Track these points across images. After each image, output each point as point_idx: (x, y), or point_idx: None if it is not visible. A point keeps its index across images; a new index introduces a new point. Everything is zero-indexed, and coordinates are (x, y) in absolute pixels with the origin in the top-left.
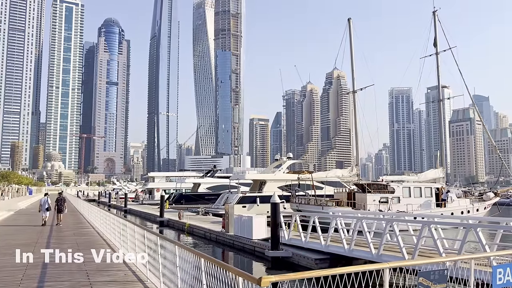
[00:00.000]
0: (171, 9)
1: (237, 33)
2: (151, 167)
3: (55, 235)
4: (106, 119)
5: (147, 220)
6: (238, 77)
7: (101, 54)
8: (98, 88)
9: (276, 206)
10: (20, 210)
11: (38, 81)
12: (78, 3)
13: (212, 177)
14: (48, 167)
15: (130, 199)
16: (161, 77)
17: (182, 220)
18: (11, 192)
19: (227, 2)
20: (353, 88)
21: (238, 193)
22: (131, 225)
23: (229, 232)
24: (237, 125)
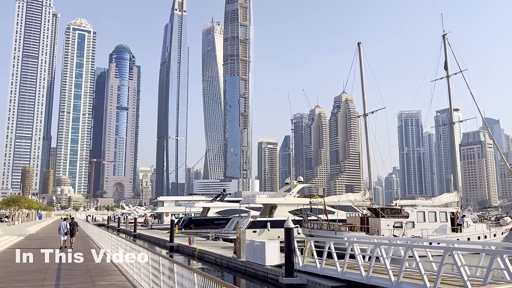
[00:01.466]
0: (181, 35)
1: (245, 58)
2: (160, 191)
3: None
4: (116, 144)
5: (156, 245)
6: (246, 101)
7: (112, 79)
8: (108, 113)
9: (290, 231)
10: (30, 235)
11: (49, 107)
12: (90, 31)
13: (221, 201)
14: (58, 192)
15: (140, 224)
16: (171, 102)
17: (192, 245)
18: (21, 216)
19: (235, 29)
20: (364, 111)
21: (248, 218)
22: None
23: (241, 257)
24: (246, 149)
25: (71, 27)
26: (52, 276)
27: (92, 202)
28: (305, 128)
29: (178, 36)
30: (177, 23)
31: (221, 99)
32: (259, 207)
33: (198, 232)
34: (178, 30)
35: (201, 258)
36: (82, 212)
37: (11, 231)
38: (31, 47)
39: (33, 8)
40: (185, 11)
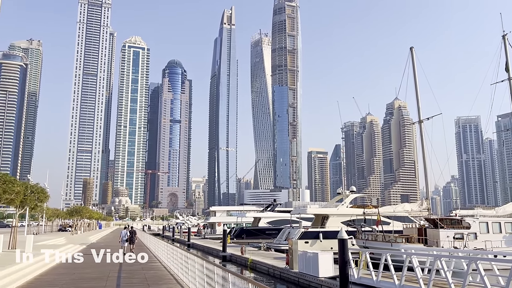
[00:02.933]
0: (230, 48)
1: (293, 68)
2: (212, 201)
3: (125, 269)
4: (169, 155)
5: (209, 255)
6: (295, 110)
7: (165, 94)
8: (162, 126)
9: (344, 242)
10: (91, 244)
11: (107, 121)
12: (144, 47)
13: (272, 211)
14: (116, 202)
15: (193, 233)
16: (221, 113)
17: (244, 255)
18: (83, 226)
19: (283, 39)
20: (419, 118)
21: (300, 228)
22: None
23: (294, 268)
24: (295, 159)
25: (126, 45)
26: (113, 284)
27: (148, 212)
28: (356, 137)
29: (227, 49)
30: (226, 36)
31: (269, 109)
32: (310, 218)
33: (249, 242)
34: (227, 44)
35: (253, 268)
36: (139, 222)
37: (74, 240)
38: (90, 65)
39: (92, 29)
40: (233, 25)
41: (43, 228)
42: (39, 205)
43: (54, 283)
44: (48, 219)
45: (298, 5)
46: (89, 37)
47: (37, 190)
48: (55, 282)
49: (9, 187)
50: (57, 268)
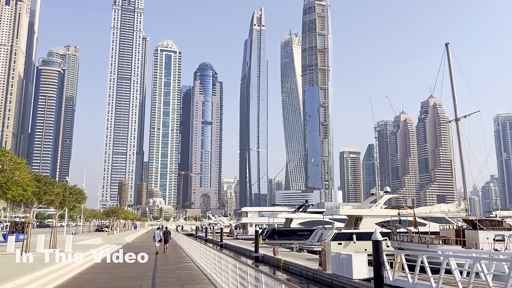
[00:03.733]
0: (260, 50)
1: (324, 67)
2: (243, 202)
3: (160, 269)
4: (201, 157)
5: (242, 255)
6: (326, 110)
7: (197, 96)
8: (194, 128)
9: (379, 244)
10: (127, 244)
11: (141, 124)
12: (176, 51)
13: (304, 212)
14: (150, 203)
15: (225, 234)
16: (252, 114)
17: (277, 256)
18: (119, 226)
19: (313, 39)
20: (456, 116)
21: (332, 229)
22: (237, 263)
23: (327, 270)
24: (327, 159)
25: (158, 49)
26: (148, 283)
27: (181, 212)
28: (390, 136)
29: (257, 51)
30: (256, 37)
31: (300, 109)
32: (343, 219)
33: (282, 243)
34: (257, 45)
35: (286, 269)
36: (172, 222)
37: (110, 240)
38: (124, 70)
39: (125, 34)
40: (263, 26)
41: (81, 228)
42: (77, 206)
43: (92, 281)
44: (86, 219)
45: (328, 4)
46: (123, 42)
47: (75, 192)
48: (93, 281)
49: (49, 189)
50: (94, 268)
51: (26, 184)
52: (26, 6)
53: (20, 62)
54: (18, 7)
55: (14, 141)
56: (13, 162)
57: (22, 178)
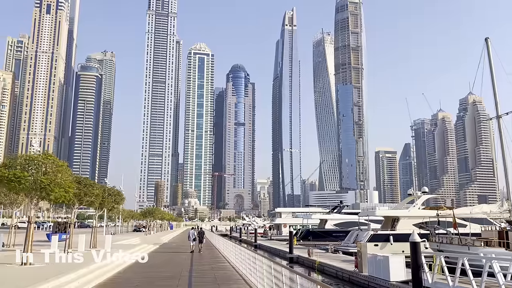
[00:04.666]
0: (292, 50)
1: (358, 66)
2: (276, 202)
3: (196, 269)
4: (235, 158)
5: (276, 256)
6: (360, 109)
7: (230, 97)
8: (227, 129)
9: (417, 246)
10: (164, 244)
11: (176, 126)
12: (209, 53)
13: (338, 213)
14: (186, 204)
15: (259, 234)
16: (284, 115)
17: (311, 257)
18: (155, 227)
19: (346, 37)
20: (497, 113)
21: (368, 231)
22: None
23: (363, 272)
24: (362, 159)
25: (192, 52)
26: (185, 283)
27: (216, 213)
28: (427, 135)
29: (289, 51)
30: (287, 38)
31: (333, 109)
32: (379, 220)
33: (316, 244)
34: (289, 45)
35: (321, 271)
36: (207, 222)
37: (148, 240)
38: (159, 73)
39: (159, 38)
40: (295, 26)
41: (119, 229)
42: (115, 207)
43: (131, 281)
44: (124, 220)
45: (361, 1)
46: (157, 46)
47: (113, 193)
48: (132, 280)
49: (89, 190)
50: (133, 267)
51: (68, 186)
52: (66, 14)
53: (60, 68)
54: (58, 15)
55: (55, 145)
56: (55, 165)
57: (64, 180)
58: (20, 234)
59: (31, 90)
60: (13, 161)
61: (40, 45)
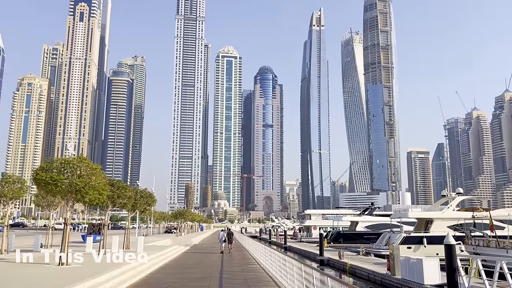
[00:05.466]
0: (320, 50)
1: (387, 65)
2: (306, 204)
3: (226, 270)
4: (263, 159)
5: (306, 258)
6: (391, 109)
7: (257, 99)
8: (255, 131)
9: (452, 248)
10: (194, 245)
11: (205, 129)
12: (237, 56)
13: (370, 215)
14: (215, 205)
15: (289, 236)
16: (312, 116)
17: (342, 259)
18: (186, 228)
19: (376, 36)
20: None
21: (401, 233)
22: (302, 266)
23: (396, 275)
24: (393, 160)
25: (220, 55)
26: (215, 284)
27: (245, 215)
28: (461, 134)
29: (317, 51)
30: (315, 38)
31: (363, 109)
32: (412, 222)
33: (347, 247)
34: (317, 45)
35: (352, 273)
36: (237, 224)
37: (179, 241)
38: (188, 77)
39: (188, 42)
40: (322, 26)
41: (151, 230)
42: (147, 209)
43: (163, 281)
44: (155, 221)
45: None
46: (186, 50)
47: (145, 195)
48: (164, 281)
49: (122, 192)
50: (165, 268)
51: (102, 189)
52: (98, 21)
53: (93, 74)
54: (90, 22)
55: (89, 148)
56: (89, 168)
57: (97, 182)
58: (57, 235)
59: (66, 96)
60: (50, 165)
61: (74, 52)
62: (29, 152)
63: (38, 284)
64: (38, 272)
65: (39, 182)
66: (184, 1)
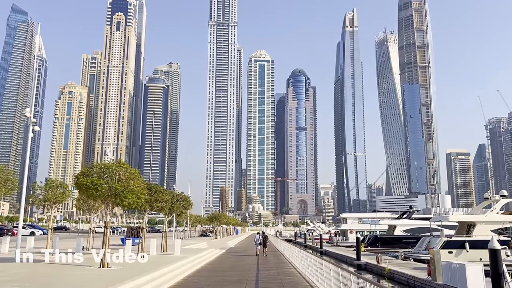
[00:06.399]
0: (353, 51)
1: (424, 64)
2: (341, 208)
3: (262, 274)
4: (297, 163)
5: (343, 262)
6: (429, 109)
7: (290, 102)
8: (288, 134)
9: (497, 253)
10: (230, 248)
11: (239, 133)
12: (269, 60)
13: (408, 218)
14: (250, 209)
15: (325, 240)
16: (347, 118)
17: (380, 264)
18: (221, 231)
19: (411, 35)
20: None
21: (442, 237)
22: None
23: (437, 280)
24: (432, 161)
25: (252, 59)
26: (251, 287)
27: (279, 218)
28: (504, 134)
29: (351, 52)
30: (348, 39)
31: (399, 110)
32: (452, 226)
33: (385, 251)
34: (350, 46)
35: (391, 278)
36: (271, 228)
37: (214, 244)
38: (221, 82)
39: (221, 47)
40: (356, 27)
41: (187, 233)
42: (184, 212)
43: (200, 284)
44: (191, 225)
45: None
46: (219, 55)
47: (182, 199)
48: (201, 283)
49: (159, 196)
50: (201, 271)
51: (140, 192)
52: (134, 30)
53: (130, 81)
54: (127, 31)
55: (127, 153)
56: (128, 172)
57: (136, 186)
58: (98, 238)
59: (104, 103)
60: (90, 170)
61: (111, 60)
62: (70, 158)
63: (80, 286)
64: (80, 274)
65: (80, 186)
66: (217, 7)
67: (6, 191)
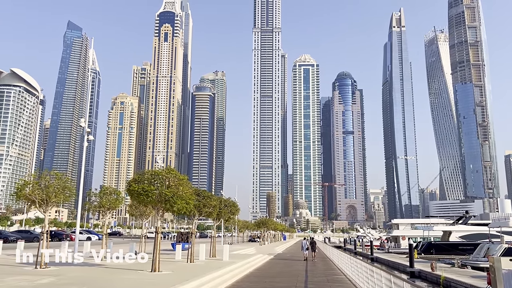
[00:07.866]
0: (401, 52)
1: (478, 62)
2: (392, 213)
3: (311, 280)
4: (344, 167)
5: (395, 270)
6: (484, 110)
7: (336, 106)
8: (335, 138)
9: None
10: (278, 254)
11: (284, 138)
12: (314, 64)
13: (464, 224)
14: (297, 215)
15: (375, 247)
16: (396, 120)
17: (435, 272)
18: (269, 237)
19: (463, 33)
20: None
21: (502, 244)
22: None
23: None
24: (489, 164)
25: (297, 64)
26: None
27: (328, 224)
28: None
29: (399, 53)
30: (396, 40)
31: (452, 111)
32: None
33: (440, 258)
34: (398, 47)
35: (447, 287)
36: (320, 234)
37: (262, 250)
38: (266, 88)
39: (265, 54)
40: (403, 27)
41: (236, 239)
42: (231, 218)
43: None
44: (239, 230)
45: None
46: (263, 61)
47: (229, 204)
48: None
49: (208, 202)
50: (250, 276)
51: (189, 198)
52: (180, 40)
53: (178, 90)
54: (174, 42)
55: (176, 160)
56: (177, 178)
57: (185, 192)
58: (149, 243)
59: (154, 112)
60: (141, 177)
61: (160, 71)
62: (123, 165)
63: None
64: (132, 278)
65: (132, 193)
66: (260, 14)
67: (64, 198)
